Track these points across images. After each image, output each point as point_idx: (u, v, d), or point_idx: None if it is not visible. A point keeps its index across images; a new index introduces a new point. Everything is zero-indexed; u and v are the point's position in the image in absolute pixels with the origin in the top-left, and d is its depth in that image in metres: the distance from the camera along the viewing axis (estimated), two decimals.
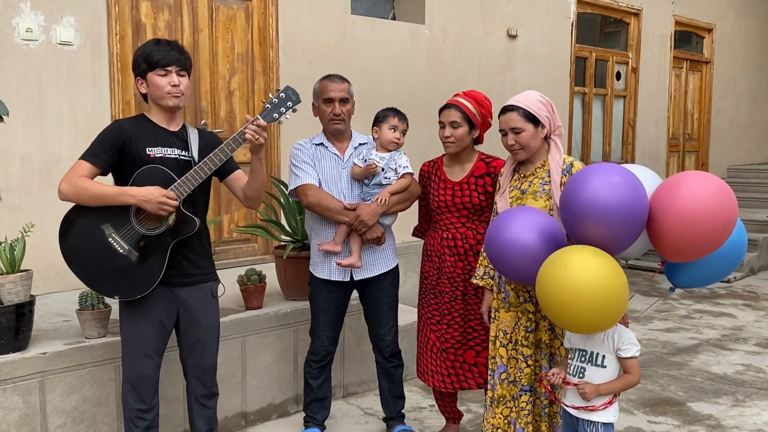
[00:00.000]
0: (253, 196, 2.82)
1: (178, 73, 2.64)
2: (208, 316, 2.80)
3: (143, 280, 2.61)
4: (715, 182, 2.34)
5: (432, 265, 3.26)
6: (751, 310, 6.25)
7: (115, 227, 2.58)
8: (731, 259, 2.50)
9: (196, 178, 2.60)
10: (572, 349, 2.51)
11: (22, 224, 3.24)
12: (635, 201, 2.27)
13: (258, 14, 5.03)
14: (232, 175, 2.84)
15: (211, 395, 2.89)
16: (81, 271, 2.62)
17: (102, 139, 2.61)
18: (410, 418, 3.73)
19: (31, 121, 4.03)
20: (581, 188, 2.30)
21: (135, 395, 2.71)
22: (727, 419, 3.79)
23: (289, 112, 2.70)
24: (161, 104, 2.66)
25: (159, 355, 2.75)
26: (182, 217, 2.62)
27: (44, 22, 4.04)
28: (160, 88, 2.62)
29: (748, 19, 10.26)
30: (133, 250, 2.59)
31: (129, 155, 2.60)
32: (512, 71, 6.83)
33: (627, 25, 8.41)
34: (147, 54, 2.61)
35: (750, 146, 10.73)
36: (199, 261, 2.76)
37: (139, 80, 2.67)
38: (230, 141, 2.63)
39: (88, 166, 2.57)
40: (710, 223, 2.25)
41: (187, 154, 2.70)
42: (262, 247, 5.16)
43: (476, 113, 3.11)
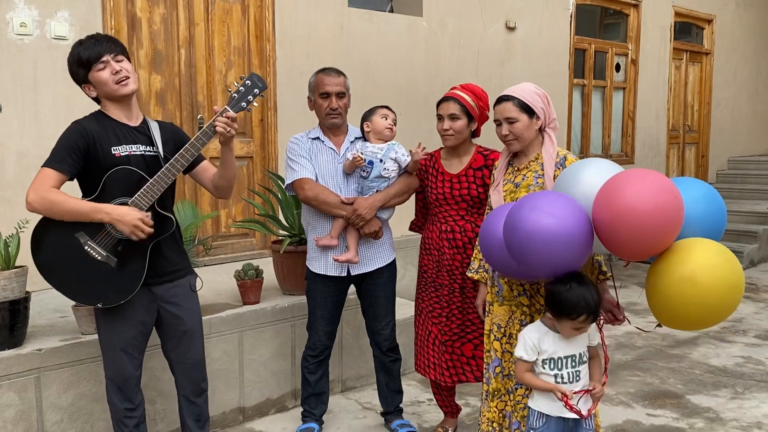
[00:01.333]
0: (225, 187, 2.77)
1: (115, 59, 2.52)
2: (189, 311, 2.76)
3: (125, 284, 2.55)
4: (651, 178, 2.19)
5: (431, 259, 3.24)
6: (750, 302, 6.24)
7: (90, 234, 2.49)
8: (713, 231, 2.32)
9: (168, 177, 2.53)
10: (555, 359, 2.46)
11: (17, 220, 3.23)
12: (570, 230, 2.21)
13: (254, 7, 5.00)
14: (199, 167, 2.79)
15: (200, 391, 2.85)
16: (60, 283, 2.54)
17: (64, 143, 2.50)
18: (408, 412, 3.72)
19: (26, 116, 4.01)
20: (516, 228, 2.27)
21: (121, 395, 2.69)
22: (726, 412, 3.79)
23: (256, 99, 2.64)
24: (116, 96, 2.54)
25: (141, 353, 2.72)
26: (159, 218, 2.57)
27: (38, 16, 4.01)
28: (106, 83, 2.51)
29: (749, 10, 10.21)
30: (111, 256, 2.51)
31: (94, 156, 2.50)
32: (511, 63, 6.80)
33: (626, 17, 8.37)
34: (77, 58, 2.51)
35: (750, 138, 10.69)
36: (174, 257, 2.71)
37: (85, 86, 2.56)
38: (200, 135, 2.56)
39: (55, 174, 2.46)
40: (648, 221, 2.12)
41: (152, 149, 2.62)
42: (259, 242, 5.15)
43: (474, 106, 3.10)
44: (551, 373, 2.46)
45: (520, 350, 2.50)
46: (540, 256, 2.25)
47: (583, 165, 2.44)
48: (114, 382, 2.68)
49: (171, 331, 2.75)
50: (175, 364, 2.81)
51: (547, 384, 2.46)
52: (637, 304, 6.13)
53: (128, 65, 2.57)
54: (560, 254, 2.23)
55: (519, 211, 2.30)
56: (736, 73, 10.22)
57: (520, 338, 2.52)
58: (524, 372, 2.51)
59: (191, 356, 2.79)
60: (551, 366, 2.46)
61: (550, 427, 2.49)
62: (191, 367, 2.80)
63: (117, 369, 2.66)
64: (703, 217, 2.25)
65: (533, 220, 2.23)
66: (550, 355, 2.46)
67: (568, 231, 2.21)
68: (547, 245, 2.21)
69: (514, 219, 2.30)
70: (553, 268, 2.31)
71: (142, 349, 2.72)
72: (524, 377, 2.52)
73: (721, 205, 2.32)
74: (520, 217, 2.28)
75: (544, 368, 2.47)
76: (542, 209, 2.24)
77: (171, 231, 2.62)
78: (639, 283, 6.40)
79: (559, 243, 2.21)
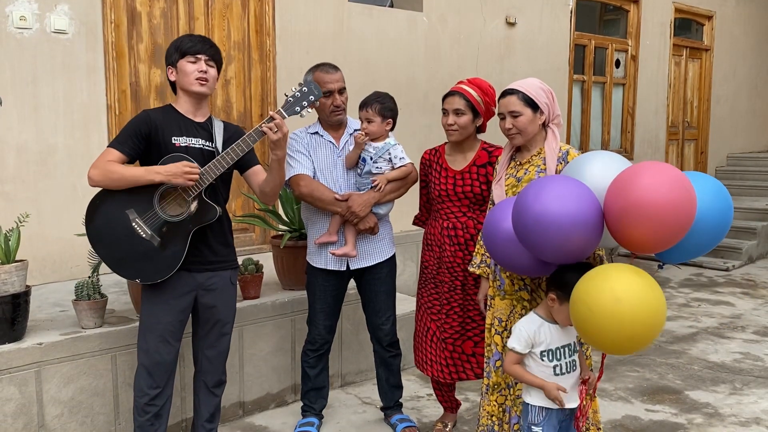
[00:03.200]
0: (269, 194, 2.90)
1: (207, 62, 2.74)
2: (226, 302, 2.89)
3: (164, 265, 2.67)
4: (667, 172, 2.18)
5: (432, 255, 3.24)
6: (749, 299, 6.25)
7: (139, 212, 2.65)
8: (717, 228, 2.31)
9: (218, 168, 2.67)
10: (553, 350, 2.48)
11: (17, 214, 3.23)
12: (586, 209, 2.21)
13: (254, 2, 4.98)
14: (252, 169, 2.92)
15: (220, 383, 2.97)
16: (106, 254, 2.68)
17: (129, 127, 2.70)
18: (408, 407, 3.73)
19: (26, 110, 4.00)
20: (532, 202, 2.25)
21: (150, 381, 2.76)
22: (725, 407, 3.80)
23: (309, 107, 2.77)
24: (188, 89, 2.73)
25: (177, 341, 2.81)
26: (204, 205, 2.70)
27: (38, 10, 4.00)
28: (188, 74, 2.71)
29: (748, 6, 10.20)
30: (155, 236, 2.66)
31: (155, 143, 2.69)
32: (511, 59, 6.79)
33: (626, 13, 8.36)
34: (179, 43, 2.73)
35: (750, 134, 10.69)
36: (220, 249, 2.84)
37: (170, 69, 2.77)
38: (252, 133, 2.71)
39: (116, 153, 2.65)
40: (666, 215, 2.11)
41: (211, 144, 2.78)
42: (259, 237, 5.15)
43: (480, 101, 3.08)
44: (550, 364, 2.47)
45: (513, 341, 2.50)
46: (551, 240, 2.23)
47: (589, 158, 2.44)
48: (145, 367, 2.76)
49: (204, 318, 2.86)
50: (202, 352, 2.91)
51: (535, 379, 2.47)
52: None
53: (214, 73, 2.78)
54: (571, 238, 2.22)
55: (529, 193, 2.29)
56: (736, 70, 10.21)
57: (515, 330, 2.51)
58: (513, 364, 2.50)
59: (219, 346, 2.92)
60: (550, 357, 2.47)
61: (551, 419, 2.50)
62: (217, 357, 2.93)
63: (151, 353, 2.75)
64: (711, 213, 2.25)
65: (544, 202, 2.22)
66: (548, 346, 2.47)
67: (580, 213, 2.21)
68: (559, 228, 2.20)
69: (525, 201, 2.29)
70: (563, 253, 2.28)
71: (178, 337, 2.81)
72: (513, 369, 2.50)
73: (729, 200, 2.33)
74: (530, 200, 2.27)
75: (543, 360, 2.47)
76: (553, 191, 2.24)
77: (213, 220, 2.72)
78: None
79: (571, 226, 2.20)
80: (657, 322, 2.16)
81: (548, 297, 2.49)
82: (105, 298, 3.22)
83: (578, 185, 2.28)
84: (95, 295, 3.17)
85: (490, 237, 2.56)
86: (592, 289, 2.18)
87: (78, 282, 3.18)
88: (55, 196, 4.12)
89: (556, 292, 2.44)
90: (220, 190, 2.81)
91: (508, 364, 2.53)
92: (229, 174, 2.83)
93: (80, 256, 3.77)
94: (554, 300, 2.45)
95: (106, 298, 3.23)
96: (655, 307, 2.14)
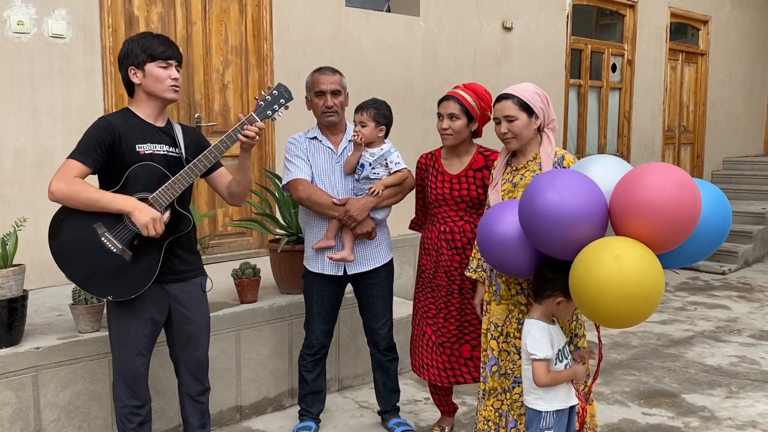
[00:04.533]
0: (239, 194, 2.82)
1: (177, 68, 2.65)
2: (199, 311, 2.80)
3: (138, 279, 2.57)
4: (673, 173, 2.20)
5: (429, 259, 3.25)
6: (745, 302, 6.27)
7: (108, 226, 2.53)
8: (716, 234, 2.32)
9: (190, 176, 2.59)
10: (562, 349, 2.53)
11: (14, 218, 3.22)
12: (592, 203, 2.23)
13: (252, 6, 5.00)
14: (216, 172, 2.84)
15: (204, 390, 2.89)
16: (73, 272, 2.56)
17: (91, 136, 2.54)
18: (405, 411, 3.73)
19: (23, 114, 4.00)
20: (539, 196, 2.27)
21: (129, 392, 2.70)
22: (721, 411, 3.81)
23: (282, 109, 2.72)
24: (160, 96, 2.63)
25: (149, 351, 2.74)
26: (177, 216, 2.62)
27: (36, 14, 4.00)
28: (161, 81, 2.60)
29: (744, 11, 10.24)
30: (126, 249, 2.54)
31: (119, 152, 2.55)
32: (507, 63, 6.81)
33: (623, 17, 8.39)
34: (148, 45, 2.59)
35: (745, 138, 10.73)
36: (188, 257, 2.76)
37: (133, 70, 2.60)
38: (225, 139, 2.62)
39: (80, 166, 2.50)
40: (672, 215, 2.13)
41: (175, 150, 2.68)
42: (256, 241, 5.15)
43: (475, 106, 3.10)
44: (561, 364, 2.51)
45: (543, 351, 2.44)
46: (556, 232, 2.24)
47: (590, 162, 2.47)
48: (122, 378, 2.70)
49: (180, 330, 2.78)
50: (182, 363, 2.83)
51: (567, 372, 2.50)
52: None
53: (181, 78, 2.69)
54: (577, 230, 2.23)
55: (536, 186, 2.31)
56: (732, 74, 10.25)
57: (537, 340, 2.46)
58: (547, 372, 2.45)
59: (198, 356, 2.83)
60: (560, 357, 2.51)
61: (562, 419, 2.55)
62: (197, 367, 2.84)
63: (127, 365, 2.68)
64: (711, 219, 2.27)
65: (552, 195, 2.24)
66: (557, 346, 2.51)
67: (586, 206, 2.22)
68: (564, 220, 2.21)
69: (532, 194, 2.30)
70: (564, 242, 2.29)
71: (151, 347, 2.74)
72: (549, 378, 2.46)
73: (727, 206, 2.35)
74: (537, 192, 2.28)
75: (556, 364, 2.50)
76: (560, 185, 2.25)
77: (187, 229, 2.66)
78: None
79: (576, 218, 2.21)
80: (656, 282, 2.14)
81: (554, 302, 2.49)
82: (102, 302, 3.21)
83: (588, 179, 2.31)
84: (92, 299, 3.17)
85: (484, 240, 2.58)
86: (591, 251, 2.20)
87: (75, 286, 3.18)
88: None
89: (562, 296, 2.45)
90: (186, 196, 2.71)
91: (542, 375, 2.45)
92: None
93: None
94: (561, 302, 2.48)
95: (103, 302, 3.21)
96: (655, 268, 2.14)
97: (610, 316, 2.19)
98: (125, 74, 2.64)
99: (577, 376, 2.54)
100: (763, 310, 5.99)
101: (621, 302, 2.13)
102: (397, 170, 3.23)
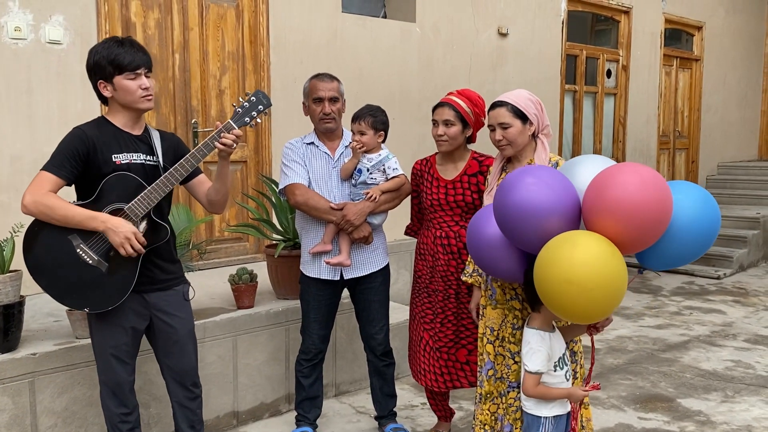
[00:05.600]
0: (219, 201, 2.78)
1: (146, 74, 2.57)
2: (182, 320, 2.75)
3: (114, 290, 2.54)
4: (641, 172, 2.20)
5: (425, 264, 3.26)
6: (740, 307, 6.29)
7: (83, 238, 2.49)
8: (702, 239, 2.30)
9: (166, 186, 2.55)
10: (562, 357, 2.51)
11: (11, 224, 3.22)
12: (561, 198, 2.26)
13: (249, 12, 5.01)
14: (195, 179, 2.80)
15: (193, 396, 2.85)
16: (48, 285, 2.52)
17: (65, 148, 2.50)
18: (402, 416, 3.73)
19: (20, 120, 4.01)
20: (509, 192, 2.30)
21: (116, 400, 2.69)
22: (717, 415, 3.82)
23: (260, 116, 2.69)
24: (135, 108, 2.58)
25: (133, 358, 2.71)
26: (154, 226, 2.58)
27: (33, 20, 4.01)
28: (131, 93, 2.53)
29: (738, 17, 10.31)
30: (102, 261, 2.51)
31: (94, 163, 2.50)
32: (503, 69, 6.84)
33: (617, 23, 8.44)
34: (113, 57, 2.50)
35: (740, 143, 10.78)
36: (168, 266, 2.71)
37: (103, 84, 2.54)
38: (201, 147, 2.58)
39: (53, 179, 2.46)
40: (638, 213, 2.13)
41: (153, 158, 2.64)
42: (253, 246, 5.15)
43: (470, 112, 3.12)
44: (562, 372, 2.49)
45: (536, 364, 2.43)
46: (527, 225, 2.27)
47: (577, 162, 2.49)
48: (108, 387, 2.68)
49: (163, 339, 2.74)
50: (167, 371, 2.80)
51: (560, 391, 2.47)
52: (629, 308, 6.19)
53: (153, 83, 2.62)
54: (546, 224, 2.25)
55: (508, 180, 2.34)
56: (726, 80, 10.31)
57: (533, 352, 2.44)
58: (536, 385, 2.45)
59: (183, 365, 2.79)
60: (561, 366, 2.49)
61: (560, 424, 2.53)
62: (183, 375, 2.80)
63: (110, 374, 2.66)
64: (697, 221, 2.26)
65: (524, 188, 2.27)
66: (557, 355, 2.49)
67: (557, 200, 2.24)
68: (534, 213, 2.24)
69: (505, 189, 2.33)
70: (538, 237, 2.30)
71: (133, 355, 2.72)
72: (537, 391, 2.45)
73: (716, 209, 2.33)
74: (509, 186, 2.31)
75: (556, 371, 2.48)
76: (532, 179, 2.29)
77: (165, 240, 2.62)
78: (629, 288, 6.44)
79: (546, 211, 2.24)
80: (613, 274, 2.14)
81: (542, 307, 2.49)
82: None
83: (560, 175, 2.34)
84: None
85: (472, 243, 2.60)
86: (552, 242, 2.23)
87: None
88: None
89: None
90: (163, 205, 2.66)
91: (531, 388, 2.46)
92: None
93: None
94: (542, 317, 2.49)
95: None
96: (613, 259, 2.15)
97: (569, 307, 2.19)
98: (95, 87, 2.58)
99: (573, 398, 2.47)
100: (758, 314, 6.01)
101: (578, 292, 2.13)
102: (395, 176, 3.25)
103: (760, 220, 8.26)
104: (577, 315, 2.24)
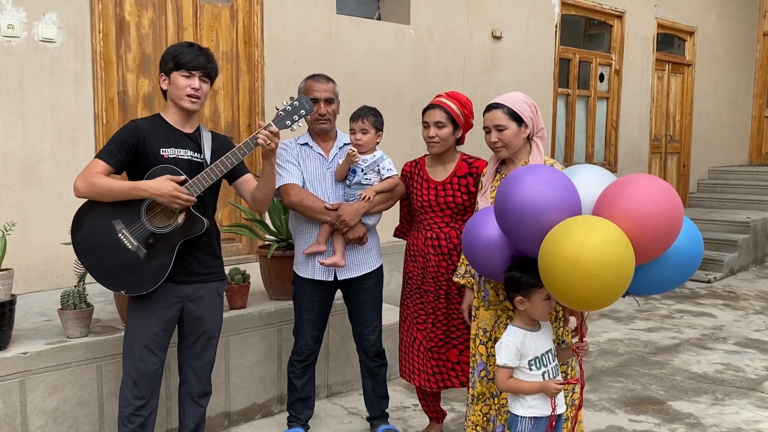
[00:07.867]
0: (262, 200, 2.89)
1: (201, 78, 2.70)
2: (212, 314, 2.88)
3: (150, 276, 2.66)
4: (659, 185, 2.25)
5: (416, 265, 3.27)
6: (730, 310, 6.33)
7: (126, 223, 2.63)
8: (685, 266, 2.35)
9: (207, 180, 2.66)
10: (539, 357, 2.50)
11: (2, 222, 3.21)
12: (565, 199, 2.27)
13: (243, 13, 5.01)
14: (242, 178, 2.91)
15: (205, 393, 2.95)
16: (91, 265, 2.66)
17: (117, 138, 2.67)
18: (394, 417, 3.73)
19: (12, 118, 3.99)
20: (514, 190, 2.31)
21: (135, 390, 2.74)
22: (707, 418, 3.84)
23: (301, 120, 2.78)
24: (178, 104, 2.72)
25: (162, 351, 2.79)
26: (191, 218, 2.68)
27: (26, 18, 4.00)
28: (179, 89, 2.68)
29: (729, 22, 10.38)
30: (141, 247, 2.64)
31: (143, 154, 2.66)
32: (497, 72, 6.86)
33: (610, 28, 8.48)
34: (176, 54, 2.69)
35: (731, 148, 10.85)
36: (207, 260, 2.82)
37: (162, 76, 2.73)
38: (242, 145, 2.69)
39: (103, 164, 2.63)
40: (657, 223, 2.17)
41: (199, 156, 2.76)
42: (246, 247, 5.15)
43: (459, 114, 3.14)
44: (539, 372, 2.49)
45: (502, 358, 2.48)
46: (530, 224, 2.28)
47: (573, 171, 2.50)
48: (130, 377, 2.74)
49: (190, 329, 2.85)
50: (188, 363, 2.89)
51: (532, 385, 2.48)
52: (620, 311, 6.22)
53: (207, 89, 2.75)
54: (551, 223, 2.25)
55: (511, 176, 2.36)
56: (717, 85, 10.38)
57: (502, 346, 2.50)
58: (507, 379, 2.50)
59: (205, 357, 2.90)
60: (537, 365, 2.49)
61: (539, 427, 2.52)
62: (202, 368, 2.91)
63: (136, 363, 2.73)
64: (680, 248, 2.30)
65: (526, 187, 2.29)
66: (534, 354, 2.50)
67: (559, 196, 2.27)
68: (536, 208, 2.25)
69: (507, 187, 2.34)
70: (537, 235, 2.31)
71: (164, 348, 2.80)
72: (509, 384, 2.50)
73: (698, 236, 2.38)
74: (511, 182, 2.33)
75: (531, 370, 2.49)
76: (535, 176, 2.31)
77: (200, 232, 2.70)
78: None
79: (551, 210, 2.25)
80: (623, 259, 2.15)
81: (517, 303, 2.50)
82: (91, 307, 3.20)
83: (562, 174, 2.36)
84: (81, 304, 3.16)
85: (468, 245, 2.60)
86: (562, 226, 2.22)
87: (64, 291, 3.17)
88: (41, 204, 4.10)
89: (519, 294, 2.47)
90: (209, 201, 2.79)
91: (501, 381, 2.50)
92: (217, 184, 2.81)
93: (66, 265, 3.75)
94: (523, 301, 2.48)
95: (92, 307, 3.21)
96: (623, 246, 2.15)
97: (567, 289, 2.20)
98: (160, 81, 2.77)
99: (546, 391, 2.47)
100: (748, 318, 6.05)
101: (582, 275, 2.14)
102: (389, 176, 3.26)
103: (751, 224, 8.31)
104: (572, 299, 2.24)
